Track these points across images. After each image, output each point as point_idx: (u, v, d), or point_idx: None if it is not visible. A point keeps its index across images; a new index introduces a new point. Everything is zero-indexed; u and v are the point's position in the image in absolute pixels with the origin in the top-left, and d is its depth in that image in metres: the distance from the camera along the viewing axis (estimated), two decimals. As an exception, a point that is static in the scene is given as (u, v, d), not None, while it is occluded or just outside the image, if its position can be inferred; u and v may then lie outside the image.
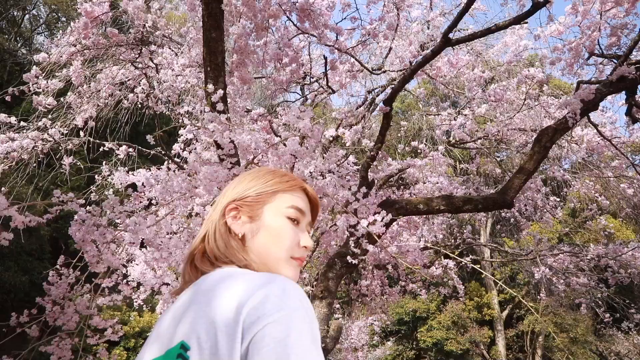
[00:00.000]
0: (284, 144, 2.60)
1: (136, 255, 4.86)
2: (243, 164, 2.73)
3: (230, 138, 2.32)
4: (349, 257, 3.11)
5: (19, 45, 15.27)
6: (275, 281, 0.72)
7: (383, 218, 2.73)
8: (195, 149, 2.70)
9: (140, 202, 3.54)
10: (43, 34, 17.02)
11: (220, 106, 2.36)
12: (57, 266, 2.46)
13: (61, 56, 4.33)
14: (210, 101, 2.34)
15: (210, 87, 2.41)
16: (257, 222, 0.92)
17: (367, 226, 2.62)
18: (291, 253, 0.91)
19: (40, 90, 4.30)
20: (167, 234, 2.59)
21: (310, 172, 2.67)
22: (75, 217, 2.29)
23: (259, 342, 0.64)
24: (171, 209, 2.98)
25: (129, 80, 5.20)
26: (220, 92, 2.36)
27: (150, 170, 4.80)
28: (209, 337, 0.67)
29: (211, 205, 2.45)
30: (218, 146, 2.62)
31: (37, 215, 2.16)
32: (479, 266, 9.76)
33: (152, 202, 3.68)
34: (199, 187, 2.32)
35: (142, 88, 5.00)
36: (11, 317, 2.35)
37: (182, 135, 4.78)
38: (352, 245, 3.12)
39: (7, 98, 3.91)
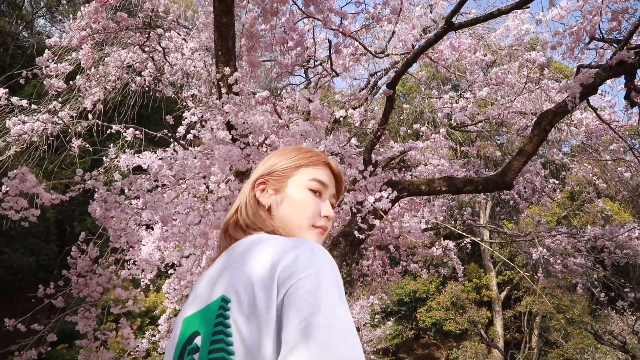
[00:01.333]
0: (288, 126, 2.70)
1: (143, 235, 4.99)
2: (250, 142, 2.83)
3: (243, 119, 2.42)
4: (355, 232, 3.24)
5: (20, 28, 15.19)
6: (304, 244, 0.82)
7: (389, 195, 2.85)
8: (211, 128, 2.80)
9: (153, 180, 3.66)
10: (44, 17, 16.91)
11: (236, 88, 2.46)
12: (79, 242, 2.59)
13: (71, 40, 4.39)
14: (227, 83, 2.44)
15: (227, 70, 2.51)
16: (282, 193, 1.03)
17: (374, 202, 2.74)
18: (312, 222, 1.02)
19: (53, 74, 4.37)
20: (183, 212, 2.71)
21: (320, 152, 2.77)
22: (96, 195, 2.41)
23: (292, 294, 0.74)
24: (181, 190, 3.10)
25: (136, 63, 5.25)
26: (237, 74, 2.46)
27: (156, 152, 4.89)
28: (246, 292, 0.78)
29: (225, 182, 2.58)
30: (229, 128, 2.72)
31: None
32: (480, 239, 9.89)
33: (159, 182, 3.79)
34: (214, 166, 2.43)
35: (149, 71, 5.07)
36: (39, 288, 2.49)
37: (186, 118, 4.86)
38: (359, 221, 3.24)
39: (22, 81, 3.99)
